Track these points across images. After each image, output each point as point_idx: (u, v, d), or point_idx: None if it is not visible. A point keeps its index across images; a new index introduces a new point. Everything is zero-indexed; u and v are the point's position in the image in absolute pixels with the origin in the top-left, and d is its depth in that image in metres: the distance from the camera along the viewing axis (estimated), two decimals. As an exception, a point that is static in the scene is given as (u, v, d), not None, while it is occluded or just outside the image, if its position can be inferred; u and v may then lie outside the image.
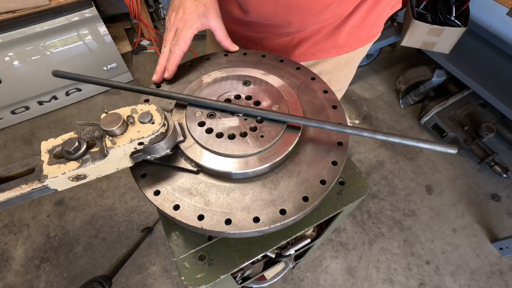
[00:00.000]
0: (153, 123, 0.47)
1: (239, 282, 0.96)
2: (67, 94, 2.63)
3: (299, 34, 0.85)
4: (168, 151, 0.53)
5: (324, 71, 0.95)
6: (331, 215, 0.68)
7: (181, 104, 0.61)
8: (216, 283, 0.61)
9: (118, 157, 0.47)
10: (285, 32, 0.83)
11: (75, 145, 0.44)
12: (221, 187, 0.53)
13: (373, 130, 0.50)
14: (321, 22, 0.80)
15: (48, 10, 2.11)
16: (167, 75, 0.65)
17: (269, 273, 1.53)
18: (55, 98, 2.59)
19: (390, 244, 1.95)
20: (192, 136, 0.55)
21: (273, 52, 0.75)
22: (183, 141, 0.55)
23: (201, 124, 0.56)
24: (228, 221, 0.48)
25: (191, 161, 0.54)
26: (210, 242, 0.65)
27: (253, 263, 0.78)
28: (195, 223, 0.49)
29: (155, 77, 0.66)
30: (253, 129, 0.55)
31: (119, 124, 0.44)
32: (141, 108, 0.48)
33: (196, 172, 0.54)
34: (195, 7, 0.64)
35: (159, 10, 3.18)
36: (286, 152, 0.53)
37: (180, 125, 0.56)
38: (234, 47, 0.72)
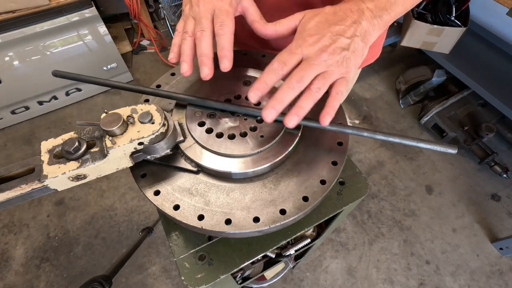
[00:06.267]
0: (153, 123, 0.47)
1: (239, 282, 0.96)
2: (67, 94, 2.63)
3: None
4: (168, 151, 0.53)
5: None
6: (331, 215, 0.68)
7: (181, 104, 0.60)
8: (216, 283, 0.61)
9: (118, 157, 0.47)
10: None
11: (75, 145, 0.44)
12: (221, 187, 0.53)
13: (373, 130, 0.50)
14: None
15: (48, 10, 2.11)
16: (227, 64, 0.48)
17: (269, 273, 1.53)
18: (55, 98, 2.59)
19: (390, 244, 1.95)
20: (192, 136, 0.55)
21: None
22: (183, 141, 0.55)
23: (201, 124, 0.56)
24: (228, 221, 0.48)
25: (191, 161, 0.54)
26: (210, 242, 0.65)
27: (253, 263, 0.78)
28: (195, 223, 0.49)
29: (186, 67, 0.51)
30: (253, 129, 0.55)
31: (119, 124, 0.44)
32: (141, 108, 0.48)
33: (196, 172, 0.54)
34: None
35: (159, 10, 3.17)
36: (286, 152, 0.53)
37: (180, 125, 0.56)
38: (270, 30, 0.53)
